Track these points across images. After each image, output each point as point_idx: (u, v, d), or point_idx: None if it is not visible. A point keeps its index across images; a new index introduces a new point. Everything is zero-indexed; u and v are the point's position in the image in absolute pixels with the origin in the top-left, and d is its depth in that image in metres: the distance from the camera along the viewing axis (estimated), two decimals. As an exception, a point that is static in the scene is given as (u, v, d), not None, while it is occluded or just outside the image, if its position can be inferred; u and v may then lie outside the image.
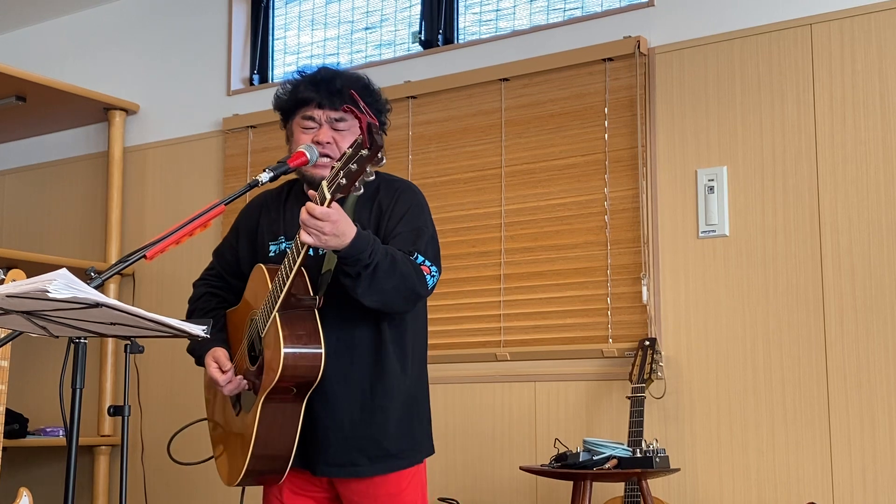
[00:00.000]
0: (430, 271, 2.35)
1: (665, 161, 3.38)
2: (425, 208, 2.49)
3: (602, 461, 2.91)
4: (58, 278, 1.65)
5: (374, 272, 2.21)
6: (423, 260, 2.35)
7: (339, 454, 2.35)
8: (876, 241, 3.02)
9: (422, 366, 2.49)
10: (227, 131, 4.37)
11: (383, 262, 2.22)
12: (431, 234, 2.44)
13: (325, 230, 2.12)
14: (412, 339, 2.44)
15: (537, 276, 3.54)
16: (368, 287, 2.22)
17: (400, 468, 2.38)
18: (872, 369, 2.99)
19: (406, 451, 2.39)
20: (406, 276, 2.27)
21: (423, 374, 2.50)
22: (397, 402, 2.37)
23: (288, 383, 2.27)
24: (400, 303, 2.32)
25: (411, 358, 2.43)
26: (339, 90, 2.42)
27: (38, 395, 4.55)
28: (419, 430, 2.44)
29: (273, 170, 2.33)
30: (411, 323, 2.44)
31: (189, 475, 4.30)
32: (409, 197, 2.46)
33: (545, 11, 3.80)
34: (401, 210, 2.42)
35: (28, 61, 4.80)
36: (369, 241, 2.21)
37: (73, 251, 4.74)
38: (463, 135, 3.76)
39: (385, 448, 2.36)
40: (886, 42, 3.07)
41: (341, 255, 2.19)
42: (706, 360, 3.24)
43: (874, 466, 2.96)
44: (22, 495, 3.16)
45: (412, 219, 2.41)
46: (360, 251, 2.18)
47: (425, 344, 2.54)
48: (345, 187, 2.10)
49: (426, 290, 2.34)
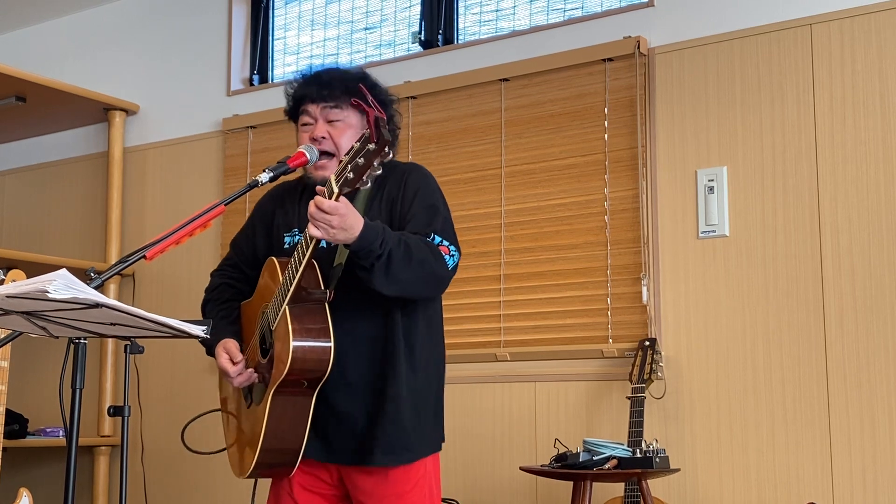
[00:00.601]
0: (449, 251, 2.32)
1: (665, 161, 3.38)
2: (433, 185, 2.46)
3: (602, 461, 2.91)
4: (58, 279, 1.65)
5: (389, 261, 2.19)
6: (441, 240, 2.32)
7: (350, 444, 2.35)
8: (876, 241, 3.02)
9: (434, 361, 2.47)
10: (227, 131, 4.37)
11: (396, 249, 2.20)
12: (446, 215, 2.41)
13: (333, 223, 2.12)
14: (424, 333, 2.42)
15: (537, 276, 3.54)
16: (385, 277, 2.21)
17: (410, 460, 2.37)
18: (872, 369, 2.99)
19: (415, 444, 2.38)
20: (423, 260, 2.25)
21: (435, 370, 2.48)
22: (407, 395, 2.36)
23: (297, 377, 2.27)
24: (422, 288, 2.31)
25: (420, 352, 2.41)
26: (328, 82, 2.43)
27: (38, 396, 4.55)
28: (427, 425, 2.42)
29: (273, 170, 2.33)
30: (423, 318, 2.42)
31: (189, 475, 4.30)
32: (416, 178, 2.44)
33: (545, 11, 3.80)
34: (411, 192, 2.40)
35: (28, 61, 4.80)
36: (378, 231, 2.20)
37: (73, 251, 4.74)
38: (463, 135, 3.76)
39: (397, 438, 2.35)
40: (886, 42, 3.07)
41: (352, 248, 2.19)
42: (706, 361, 3.24)
43: (874, 466, 2.96)
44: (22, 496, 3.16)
45: (423, 199, 2.39)
46: (371, 242, 2.17)
47: (439, 340, 2.51)
48: (352, 181, 2.09)
49: (447, 270, 2.31)
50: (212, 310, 2.63)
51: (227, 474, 4.14)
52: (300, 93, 2.47)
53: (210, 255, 4.36)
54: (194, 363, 4.34)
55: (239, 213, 4.25)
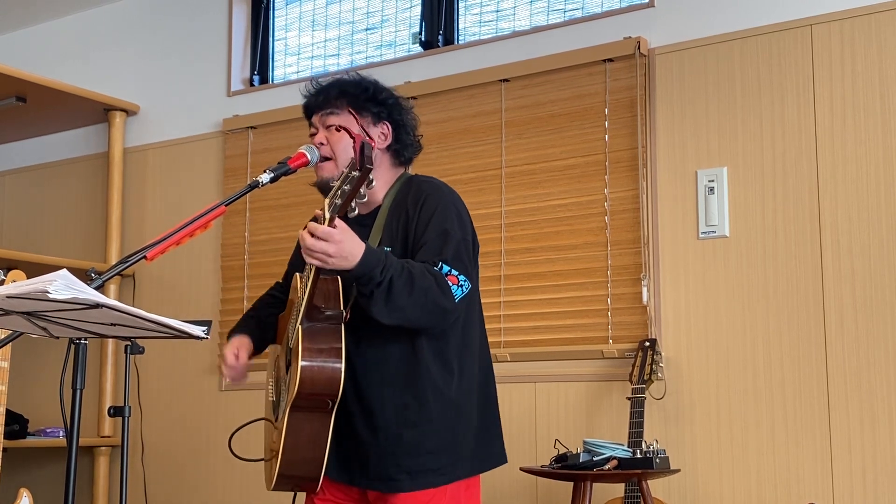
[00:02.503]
0: (458, 281, 2.22)
1: (665, 162, 3.38)
2: (453, 209, 2.34)
3: (602, 462, 2.91)
4: (58, 279, 1.65)
5: (390, 289, 2.13)
6: (450, 270, 2.23)
7: (377, 468, 2.29)
8: (876, 241, 3.02)
9: (474, 375, 2.36)
10: (227, 132, 4.37)
11: (398, 278, 2.13)
12: (461, 238, 2.30)
13: (329, 251, 2.07)
14: (458, 350, 2.32)
15: (537, 276, 3.54)
16: (385, 305, 2.15)
17: (440, 484, 2.29)
18: (872, 369, 2.99)
19: (446, 465, 2.29)
20: (427, 289, 2.17)
21: (477, 384, 2.37)
22: (436, 415, 2.28)
23: (307, 397, 2.21)
24: (424, 318, 2.21)
25: (458, 370, 2.31)
26: (325, 88, 2.43)
27: (39, 396, 4.55)
28: (464, 445, 2.33)
29: (274, 170, 2.32)
30: (456, 333, 2.32)
31: (189, 476, 4.30)
32: (434, 200, 2.34)
33: (545, 12, 3.80)
34: (426, 215, 2.31)
35: (28, 62, 4.80)
36: (381, 257, 2.14)
37: (74, 252, 4.74)
38: (463, 135, 3.76)
39: (423, 463, 2.27)
40: (886, 42, 3.07)
41: (352, 274, 2.13)
42: (706, 361, 3.24)
43: (874, 466, 2.96)
44: (22, 496, 3.16)
45: (438, 224, 2.29)
46: (372, 268, 2.11)
47: (479, 354, 2.40)
48: (341, 207, 2.06)
49: (452, 303, 2.20)
50: (247, 312, 2.62)
51: (227, 475, 4.15)
52: (305, 104, 2.49)
53: (210, 255, 4.36)
54: (194, 363, 4.34)
55: (239, 214, 4.26)
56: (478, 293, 2.42)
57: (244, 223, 4.25)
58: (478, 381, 2.39)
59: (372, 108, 2.43)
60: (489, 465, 2.41)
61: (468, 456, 2.34)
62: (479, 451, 2.37)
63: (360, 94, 2.43)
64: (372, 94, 2.44)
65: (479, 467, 2.38)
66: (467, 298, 2.26)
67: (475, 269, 2.37)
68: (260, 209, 4.22)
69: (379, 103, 2.44)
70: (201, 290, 4.37)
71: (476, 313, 2.41)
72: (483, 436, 2.38)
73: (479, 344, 2.41)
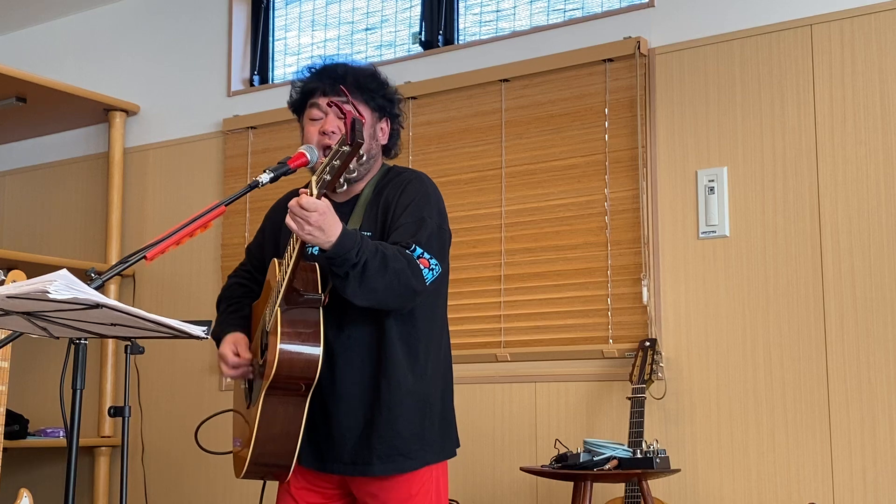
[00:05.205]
0: (429, 264, 2.27)
1: (665, 162, 3.38)
2: (432, 198, 2.41)
3: (602, 462, 2.91)
4: (58, 279, 1.65)
5: (364, 271, 2.17)
6: (422, 252, 2.27)
7: (349, 452, 2.33)
8: (876, 241, 3.02)
9: (438, 364, 2.43)
10: (227, 132, 4.37)
11: (372, 260, 2.17)
12: (437, 226, 2.36)
13: (310, 220, 2.10)
14: (424, 337, 2.38)
15: (537, 276, 3.54)
16: (358, 287, 2.18)
17: (411, 468, 2.35)
18: (872, 369, 2.99)
19: (416, 450, 2.34)
20: (399, 272, 2.21)
21: (440, 373, 2.43)
22: (406, 400, 2.33)
23: (284, 380, 2.24)
24: (394, 299, 2.25)
25: (423, 356, 2.37)
26: (342, 76, 2.41)
27: (39, 396, 4.56)
28: (431, 431, 2.38)
29: (273, 171, 2.32)
30: (423, 321, 2.38)
31: (189, 475, 4.30)
32: (415, 187, 2.40)
33: (545, 12, 3.80)
34: (405, 201, 2.36)
35: (28, 62, 4.80)
36: (356, 239, 2.18)
37: (74, 252, 4.74)
38: (463, 136, 3.76)
39: (395, 447, 2.32)
40: (886, 42, 3.07)
41: (328, 254, 2.16)
42: (706, 361, 3.24)
43: (874, 466, 2.96)
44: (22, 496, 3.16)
45: (416, 209, 2.34)
46: (347, 250, 2.15)
47: (444, 342, 2.47)
48: (329, 183, 2.09)
49: (423, 285, 2.26)
50: (223, 305, 2.62)
51: (227, 475, 4.15)
52: (310, 86, 2.44)
53: (210, 255, 4.36)
54: (194, 363, 4.34)
55: (239, 214, 4.26)
56: (446, 286, 2.48)
57: (244, 223, 4.25)
58: (441, 369, 2.45)
59: (381, 104, 2.46)
60: (452, 450, 2.47)
61: (436, 440, 2.40)
62: (444, 436, 2.43)
63: (376, 90, 2.43)
64: (384, 91, 2.46)
65: (447, 452, 2.45)
66: (437, 282, 2.32)
67: (446, 262, 2.41)
68: (260, 209, 4.21)
69: (388, 100, 2.47)
70: (201, 290, 4.37)
71: (441, 305, 2.48)
72: (446, 423, 2.44)
73: (442, 333, 2.48)
